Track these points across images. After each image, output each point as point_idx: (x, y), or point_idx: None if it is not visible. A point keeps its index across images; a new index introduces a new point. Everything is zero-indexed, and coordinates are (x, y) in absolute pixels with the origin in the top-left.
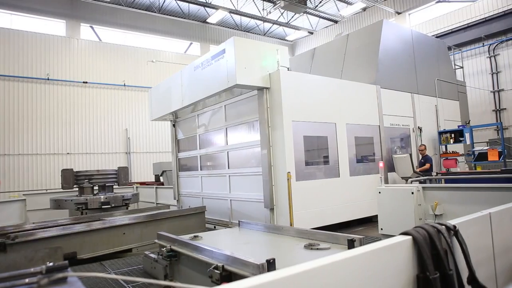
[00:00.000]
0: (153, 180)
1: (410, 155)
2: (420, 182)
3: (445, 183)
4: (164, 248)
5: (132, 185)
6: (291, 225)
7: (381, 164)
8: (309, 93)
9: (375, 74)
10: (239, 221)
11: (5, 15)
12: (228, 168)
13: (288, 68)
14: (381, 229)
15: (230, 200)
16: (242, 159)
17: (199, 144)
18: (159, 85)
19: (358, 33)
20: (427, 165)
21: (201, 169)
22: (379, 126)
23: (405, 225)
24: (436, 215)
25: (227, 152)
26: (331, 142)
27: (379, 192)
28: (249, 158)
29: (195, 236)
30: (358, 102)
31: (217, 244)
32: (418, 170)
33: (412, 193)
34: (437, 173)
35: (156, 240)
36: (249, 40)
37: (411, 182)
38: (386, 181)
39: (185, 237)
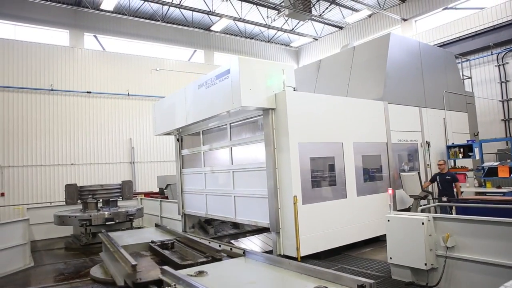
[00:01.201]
0: (158, 188)
1: (419, 173)
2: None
3: (457, 211)
4: (169, 287)
5: (136, 196)
6: (297, 249)
7: (390, 191)
8: (316, 113)
9: (382, 89)
10: (244, 251)
11: (9, 26)
12: (232, 164)
13: (294, 88)
14: (390, 258)
15: (234, 196)
16: (245, 155)
17: (203, 141)
18: (163, 101)
19: (364, 46)
20: (459, 187)
21: (204, 166)
22: (386, 143)
23: (415, 255)
24: (447, 247)
25: (231, 147)
26: (338, 162)
27: (388, 220)
28: (252, 154)
29: (200, 272)
30: (365, 120)
31: (223, 284)
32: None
33: (423, 223)
34: (447, 199)
35: (160, 276)
36: (254, 60)
37: (421, 210)
38: (395, 205)
39: (190, 272)
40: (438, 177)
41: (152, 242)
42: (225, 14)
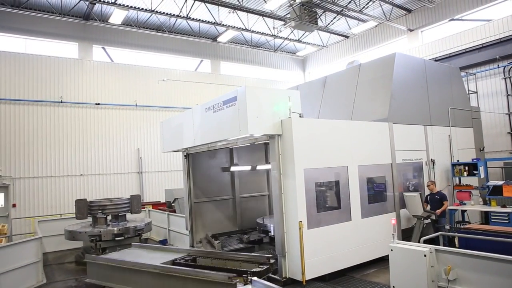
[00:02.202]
0: (165, 198)
1: (420, 194)
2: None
3: (459, 243)
4: None
5: (144, 206)
6: (302, 273)
7: (393, 221)
8: (321, 138)
9: (387, 109)
10: (251, 279)
11: (20, 40)
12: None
13: (300, 114)
14: (393, 286)
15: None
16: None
17: None
18: (171, 119)
19: (370, 65)
20: (445, 205)
21: None
22: (391, 164)
23: (417, 285)
24: (449, 279)
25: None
26: (343, 186)
27: (391, 250)
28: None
29: None
30: (370, 142)
31: None
32: (438, 212)
33: (425, 255)
34: (450, 227)
35: None
36: (261, 88)
37: (424, 241)
38: (399, 224)
39: None
40: (429, 196)
41: (175, 259)
42: (231, 25)
